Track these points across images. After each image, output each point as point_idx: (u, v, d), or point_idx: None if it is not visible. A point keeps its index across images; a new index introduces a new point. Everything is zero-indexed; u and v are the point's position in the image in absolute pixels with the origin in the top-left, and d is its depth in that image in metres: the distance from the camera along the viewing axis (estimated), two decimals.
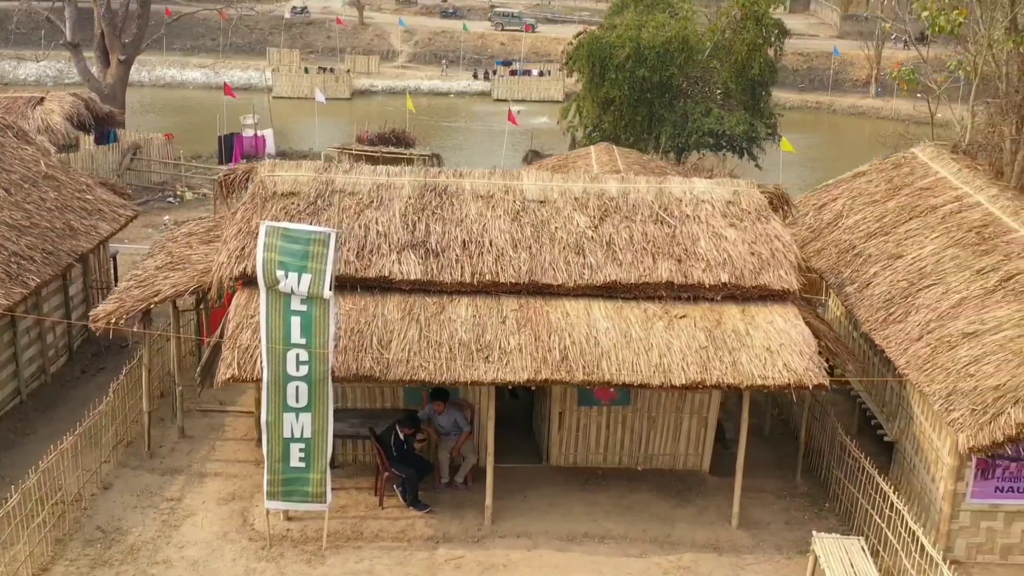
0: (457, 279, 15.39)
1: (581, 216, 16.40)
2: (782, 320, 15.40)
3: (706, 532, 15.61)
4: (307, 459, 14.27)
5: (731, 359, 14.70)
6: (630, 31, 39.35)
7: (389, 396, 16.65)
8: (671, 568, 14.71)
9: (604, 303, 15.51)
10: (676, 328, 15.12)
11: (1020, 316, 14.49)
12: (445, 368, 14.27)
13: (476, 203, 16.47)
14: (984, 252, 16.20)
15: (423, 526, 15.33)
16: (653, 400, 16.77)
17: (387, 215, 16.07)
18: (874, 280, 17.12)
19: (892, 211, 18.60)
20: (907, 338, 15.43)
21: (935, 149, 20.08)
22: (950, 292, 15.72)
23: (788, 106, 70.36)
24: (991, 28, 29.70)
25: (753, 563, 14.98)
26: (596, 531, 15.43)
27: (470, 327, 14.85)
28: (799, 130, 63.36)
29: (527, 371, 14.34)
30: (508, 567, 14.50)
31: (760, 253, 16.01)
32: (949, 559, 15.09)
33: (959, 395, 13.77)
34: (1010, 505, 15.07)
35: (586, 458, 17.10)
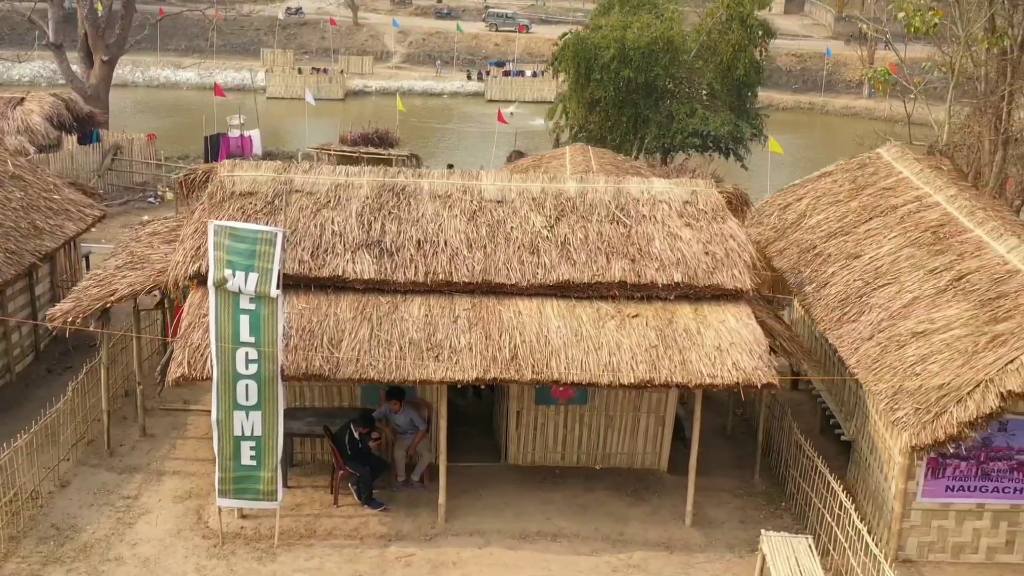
0: (411, 278, 15.48)
1: (537, 216, 16.47)
2: (734, 319, 15.46)
3: (659, 530, 15.68)
4: (258, 457, 14.35)
5: (681, 358, 14.77)
6: (615, 32, 39.44)
7: (347, 395, 16.73)
8: (620, 566, 14.77)
9: (557, 302, 15.59)
10: (628, 327, 15.19)
11: (968, 315, 14.55)
12: (394, 367, 14.35)
13: (433, 203, 16.55)
14: (939, 252, 16.26)
15: (376, 524, 15.41)
16: (610, 399, 16.84)
17: (343, 215, 16.15)
18: (832, 280, 17.18)
19: (854, 211, 18.66)
20: (859, 337, 15.49)
21: (900, 149, 20.14)
22: (903, 291, 15.78)
23: (781, 107, 70.68)
24: (968, 29, 29.75)
25: (704, 561, 15.04)
26: (549, 529, 15.50)
27: (422, 326, 14.94)
28: (792, 131, 63.47)
29: (476, 370, 14.42)
30: (458, 565, 14.57)
31: (714, 253, 16.07)
32: (902, 558, 15.23)
33: (904, 394, 13.83)
34: (961, 504, 15.12)
35: (544, 457, 17.17)
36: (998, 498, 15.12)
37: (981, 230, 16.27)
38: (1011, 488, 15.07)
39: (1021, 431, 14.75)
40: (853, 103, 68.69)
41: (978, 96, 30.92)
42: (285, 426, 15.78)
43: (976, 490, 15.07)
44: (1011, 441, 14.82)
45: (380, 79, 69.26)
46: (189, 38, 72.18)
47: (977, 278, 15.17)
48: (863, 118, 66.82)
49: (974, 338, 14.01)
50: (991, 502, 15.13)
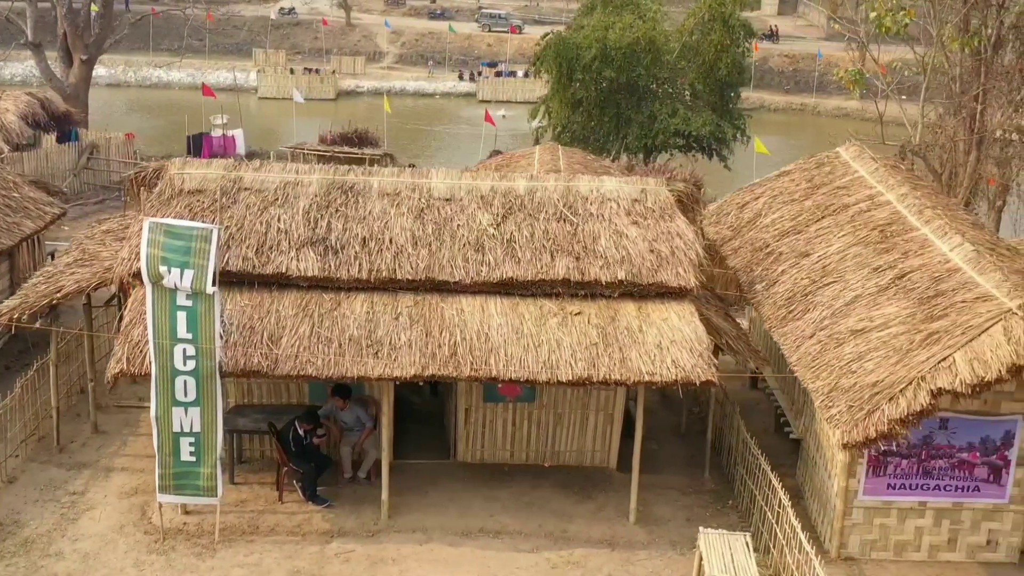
0: (354, 276, 15.53)
1: (485, 214, 16.51)
2: (677, 317, 15.49)
3: (603, 528, 15.71)
4: (197, 453, 14.42)
5: (621, 355, 14.81)
6: (597, 32, 39.47)
7: (295, 392, 16.78)
8: (560, 563, 14.80)
9: (501, 300, 15.63)
10: (569, 325, 15.22)
11: (907, 313, 14.57)
12: (333, 364, 14.41)
13: (381, 201, 16.60)
14: (884, 250, 16.28)
15: (320, 521, 15.46)
16: (559, 397, 16.87)
17: (290, 212, 16.20)
18: (781, 278, 17.20)
19: (807, 210, 18.67)
20: (801, 335, 15.52)
21: (858, 149, 20.14)
22: (847, 290, 15.80)
23: (773, 108, 70.69)
24: (940, 28, 29.79)
25: (645, 558, 15.07)
26: (492, 526, 15.54)
27: (363, 323, 14.99)
28: (784, 132, 63.43)
29: (415, 367, 14.48)
30: (397, 561, 14.62)
31: (660, 251, 16.09)
32: (844, 555, 15.26)
33: (839, 391, 13.86)
34: (903, 502, 15.15)
35: (493, 454, 17.21)
36: (940, 496, 15.15)
37: (927, 229, 16.29)
38: (953, 486, 15.10)
39: (962, 429, 14.78)
40: (845, 104, 68.54)
41: (952, 96, 30.99)
42: (232, 423, 15.97)
43: (918, 488, 15.10)
44: (952, 439, 14.85)
45: (372, 79, 69.24)
46: (181, 38, 72.16)
47: (918, 276, 15.19)
48: (855, 119, 66.59)
49: (910, 336, 14.03)
50: (933, 500, 15.16)
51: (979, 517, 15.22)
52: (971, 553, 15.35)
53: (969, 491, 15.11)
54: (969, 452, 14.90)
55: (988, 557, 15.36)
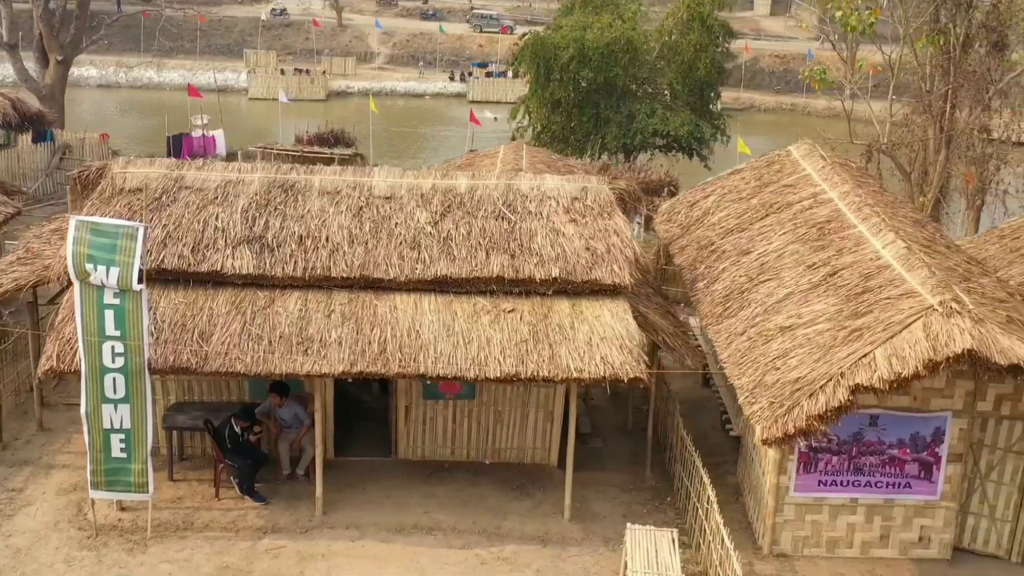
0: (289, 273, 15.61)
1: (423, 212, 16.58)
2: (610, 315, 15.55)
3: (537, 524, 15.77)
4: (128, 450, 14.51)
5: (550, 352, 14.87)
6: (574, 32, 39.54)
7: (235, 390, 16.87)
8: (490, 559, 14.87)
9: (435, 297, 15.70)
10: (501, 322, 15.29)
11: (834, 310, 14.61)
12: (262, 361, 14.49)
13: (321, 199, 16.68)
14: (820, 247, 16.32)
15: (255, 517, 15.55)
16: (499, 394, 16.95)
17: (229, 211, 16.29)
18: (721, 276, 17.25)
19: (753, 208, 18.72)
20: (733, 332, 15.57)
21: (808, 147, 20.17)
22: (781, 287, 15.84)
23: (763, 108, 70.69)
24: (908, 27, 29.84)
25: (576, 555, 15.13)
26: (426, 523, 15.61)
27: (295, 320, 15.07)
28: (774, 132, 63.33)
29: (343, 363, 14.56)
30: (327, 557, 14.70)
31: (595, 249, 16.15)
32: (776, 552, 15.31)
33: (762, 388, 13.90)
34: (834, 499, 15.19)
35: (434, 451, 17.28)
36: (871, 493, 15.18)
37: (864, 226, 16.32)
38: (884, 483, 15.13)
39: (892, 426, 14.82)
40: (834, 104, 68.39)
41: (921, 95, 31.04)
42: (171, 420, 16.08)
43: (849, 484, 15.13)
44: (882, 436, 14.89)
45: (363, 80, 69.38)
46: (173, 39, 72.37)
47: (849, 273, 15.24)
48: (844, 119, 66.58)
49: (834, 333, 14.07)
50: (864, 497, 15.19)
51: (911, 514, 15.25)
52: (904, 550, 15.38)
53: (900, 488, 15.14)
54: (899, 449, 14.93)
55: (921, 554, 15.38)
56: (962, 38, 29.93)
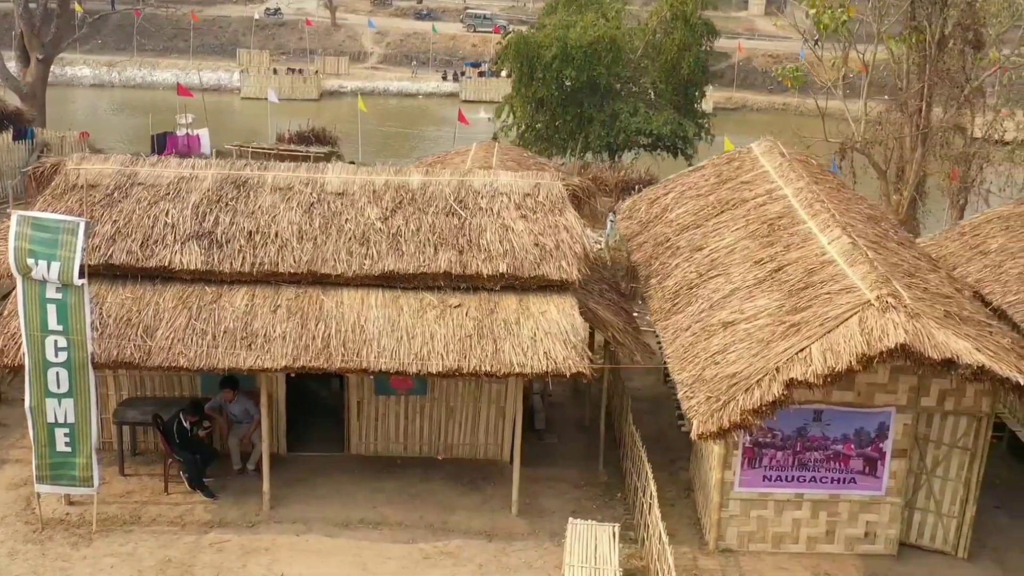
0: (237, 269, 15.67)
1: (374, 208, 16.63)
2: (556, 310, 15.58)
3: (484, 519, 15.81)
4: (72, 444, 14.58)
5: (494, 348, 14.90)
6: (557, 31, 39.62)
7: (187, 385, 16.93)
8: (434, 553, 14.92)
9: (382, 293, 15.75)
10: (447, 317, 15.33)
11: (776, 305, 14.63)
12: (205, 355, 14.54)
13: (273, 195, 16.74)
14: (769, 243, 16.34)
15: (202, 511, 15.61)
16: (450, 390, 17.01)
17: (180, 207, 16.36)
18: (674, 272, 17.28)
19: (710, 204, 18.75)
20: (679, 328, 15.60)
21: (769, 144, 20.19)
22: (728, 283, 15.87)
23: (756, 107, 70.67)
24: (883, 26, 29.86)
25: (520, 549, 15.16)
26: (373, 518, 15.66)
27: (240, 315, 15.13)
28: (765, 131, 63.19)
29: (286, 358, 14.61)
30: (270, 551, 14.75)
31: (544, 244, 16.19)
32: (722, 547, 15.33)
33: (701, 382, 13.92)
34: (780, 494, 15.21)
35: (387, 447, 17.34)
36: (816, 488, 15.20)
37: (813, 222, 16.35)
38: (829, 478, 15.15)
39: (836, 421, 14.83)
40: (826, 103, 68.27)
41: (897, 93, 31.06)
42: (122, 415, 16.14)
43: (794, 480, 15.16)
44: (827, 431, 14.90)
45: (356, 79, 69.46)
46: (167, 39, 72.64)
47: (793, 269, 15.26)
48: (835, 118, 66.47)
49: (773, 327, 14.10)
50: (810, 492, 15.21)
51: (856, 509, 15.27)
52: (850, 545, 15.40)
53: (845, 483, 15.16)
54: (844, 444, 14.95)
55: (867, 549, 15.40)
56: (937, 36, 29.97)
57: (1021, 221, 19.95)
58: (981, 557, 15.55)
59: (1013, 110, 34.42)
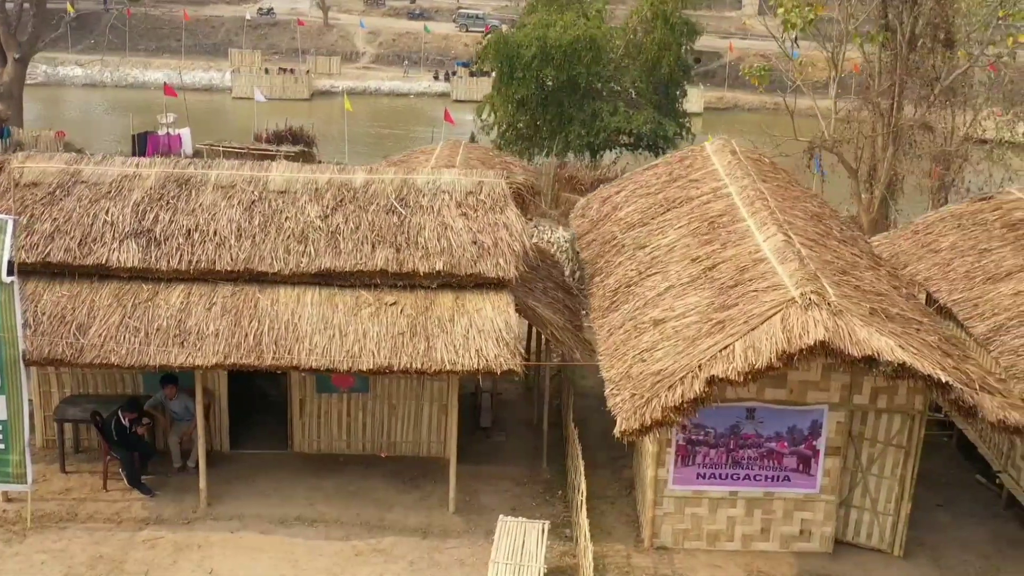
0: (174, 267, 15.73)
1: (315, 206, 16.67)
2: (492, 308, 15.62)
3: (421, 517, 15.84)
4: (5, 441, 14.64)
5: (426, 345, 14.94)
6: (537, 31, 39.65)
7: (129, 382, 17.00)
8: (366, 550, 14.95)
9: (319, 290, 15.80)
10: (381, 315, 15.37)
11: (706, 303, 14.63)
12: (137, 352, 14.60)
13: (214, 194, 16.79)
14: (707, 241, 16.35)
15: (139, 508, 15.68)
16: (392, 387, 17.06)
17: (120, 205, 16.42)
18: (616, 270, 17.29)
19: (658, 203, 18.75)
20: (613, 326, 15.62)
21: (722, 143, 20.20)
22: (664, 280, 15.87)
23: (748, 107, 70.59)
24: (852, 25, 29.86)
25: (454, 546, 15.19)
26: (310, 515, 15.70)
27: (175, 313, 15.18)
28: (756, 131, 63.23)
29: (217, 355, 14.66)
30: (203, 547, 14.79)
31: (483, 242, 16.21)
32: (657, 545, 15.33)
33: (626, 380, 13.94)
34: (714, 492, 15.20)
35: (330, 445, 17.38)
36: (751, 486, 15.19)
37: (752, 220, 16.35)
38: (763, 476, 15.14)
39: (769, 419, 14.82)
40: (819, 103, 68.20)
41: (867, 92, 31.05)
42: (63, 412, 16.20)
43: (728, 478, 15.15)
44: (760, 429, 14.89)
45: (348, 79, 69.69)
46: (159, 39, 72.88)
47: (726, 267, 15.26)
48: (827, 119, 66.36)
49: (701, 325, 14.10)
50: (744, 490, 15.20)
51: (791, 507, 15.25)
52: (785, 543, 15.39)
53: (780, 481, 15.15)
54: (777, 442, 14.94)
55: (803, 547, 15.39)
56: (908, 35, 29.97)
57: (973, 219, 19.92)
58: (917, 555, 15.53)
59: (994, 109, 34.42)
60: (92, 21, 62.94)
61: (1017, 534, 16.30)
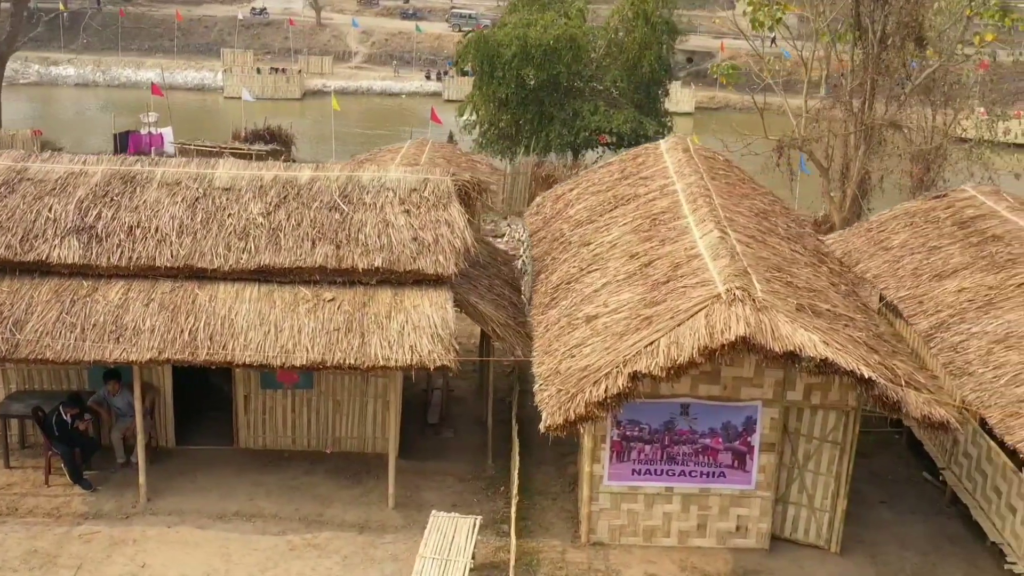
0: (114, 263, 15.82)
1: (258, 203, 16.74)
2: (430, 304, 15.67)
3: (360, 512, 15.90)
4: None
5: (360, 341, 15.01)
6: (517, 30, 39.63)
7: (75, 378, 17.08)
8: (301, 545, 15.01)
9: (258, 286, 15.87)
10: (318, 311, 15.44)
11: (638, 299, 14.67)
12: (72, 348, 14.69)
13: (159, 191, 16.87)
14: (648, 238, 16.39)
15: (79, 503, 15.76)
16: (336, 384, 17.13)
17: (64, 202, 16.51)
18: (560, 267, 17.33)
19: (607, 200, 18.80)
20: (550, 322, 15.66)
21: (675, 140, 20.24)
22: (602, 277, 15.92)
23: (739, 107, 70.43)
24: (817, 22, 29.86)
25: (390, 542, 15.24)
26: (249, 510, 15.77)
27: (113, 308, 15.27)
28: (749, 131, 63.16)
29: (152, 351, 14.75)
30: (138, 542, 14.87)
31: (423, 239, 16.27)
32: (593, 540, 15.37)
33: (555, 375, 13.99)
34: (649, 487, 15.22)
35: (275, 441, 17.46)
36: (686, 482, 15.21)
37: (692, 217, 16.38)
38: (698, 472, 15.16)
39: (703, 415, 14.85)
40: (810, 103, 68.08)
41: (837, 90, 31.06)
42: (7, 408, 16.31)
43: (663, 474, 15.17)
44: (694, 425, 14.92)
45: (339, 79, 69.71)
46: (152, 38, 73.06)
47: (661, 263, 15.30)
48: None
49: (629, 321, 14.14)
50: (680, 486, 15.22)
51: (727, 503, 15.28)
52: (722, 539, 15.41)
53: (715, 477, 15.18)
54: (712, 438, 14.97)
55: (739, 543, 15.41)
56: (879, 33, 29.96)
57: (926, 217, 19.94)
58: (855, 552, 15.55)
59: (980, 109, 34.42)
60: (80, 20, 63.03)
61: (958, 531, 16.30)
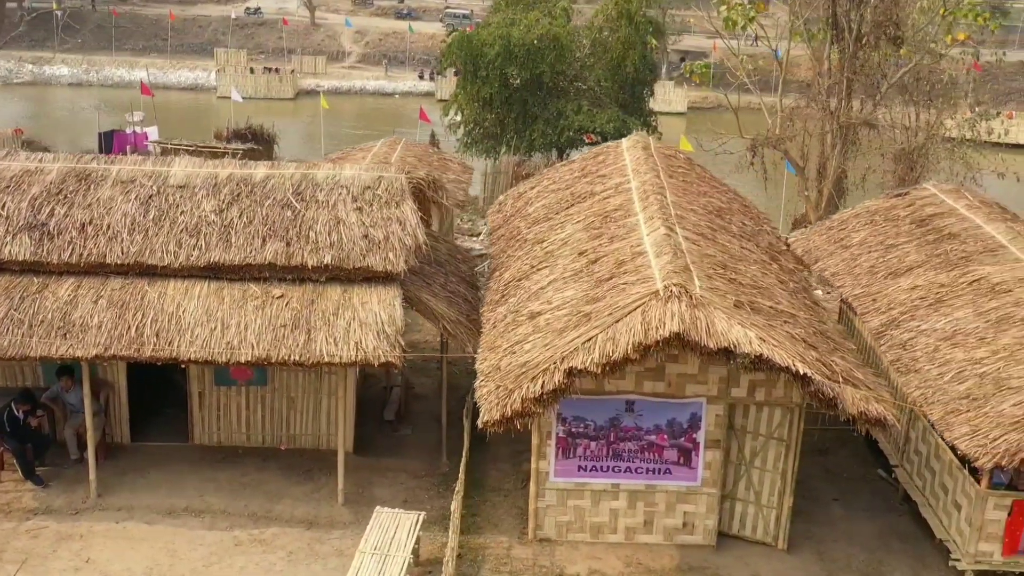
0: (65, 260, 15.90)
1: (211, 201, 16.82)
2: (378, 301, 15.74)
3: (309, 508, 15.97)
4: None
5: (306, 338, 15.09)
6: (500, 29, 39.68)
7: (30, 374, 17.17)
8: (247, 540, 15.08)
9: (208, 283, 15.94)
10: (266, 308, 15.51)
11: (581, 296, 14.72)
12: (19, 344, 14.78)
13: (114, 188, 16.96)
14: (598, 235, 16.45)
15: (30, 499, 15.84)
16: (291, 381, 17.20)
17: (18, 199, 16.60)
18: (513, 264, 17.39)
19: (564, 198, 18.85)
20: (496, 319, 15.71)
21: (636, 139, 20.28)
22: (551, 274, 15.97)
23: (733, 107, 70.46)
24: (793, 21, 29.92)
25: (337, 538, 15.30)
26: (198, 506, 15.85)
27: (62, 305, 15.36)
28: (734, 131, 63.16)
29: (98, 347, 14.84)
30: (85, 538, 14.95)
31: (374, 237, 16.34)
32: (540, 537, 15.42)
33: (495, 372, 14.04)
34: (596, 484, 15.26)
35: (229, 437, 17.53)
36: (632, 478, 15.25)
37: (643, 215, 16.43)
38: (644, 468, 15.20)
39: (648, 412, 14.89)
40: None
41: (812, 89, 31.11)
42: None
43: (609, 470, 15.21)
44: (639, 421, 14.96)
45: (333, 79, 69.94)
46: (146, 38, 73.24)
47: (607, 260, 15.35)
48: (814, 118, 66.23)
49: (570, 317, 14.19)
50: (626, 482, 15.26)
51: (674, 500, 15.32)
52: (668, 535, 15.45)
53: (661, 473, 15.21)
54: (657, 434, 15.00)
55: (686, 540, 15.45)
56: (856, 32, 30.02)
57: (885, 215, 19.97)
58: (802, 548, 15.59)
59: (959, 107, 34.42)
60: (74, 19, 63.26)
61: (908, 528, 16.33)
